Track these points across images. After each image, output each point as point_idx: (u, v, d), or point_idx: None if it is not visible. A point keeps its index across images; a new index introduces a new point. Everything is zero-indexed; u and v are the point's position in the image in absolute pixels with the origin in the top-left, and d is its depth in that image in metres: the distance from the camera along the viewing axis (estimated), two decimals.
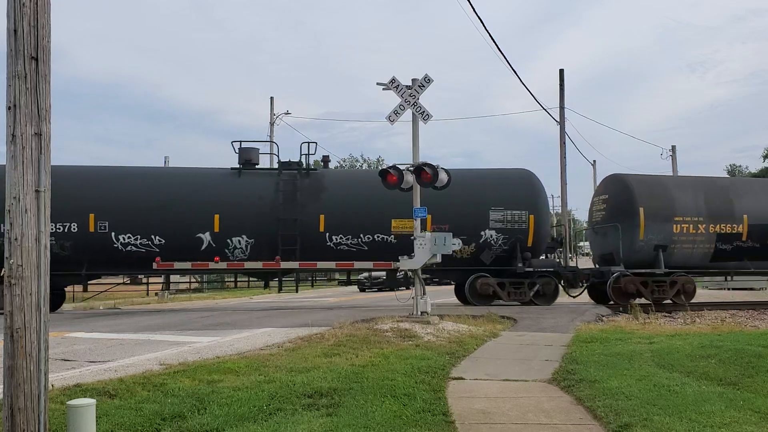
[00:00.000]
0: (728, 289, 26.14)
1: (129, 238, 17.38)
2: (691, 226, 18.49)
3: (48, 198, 4.16)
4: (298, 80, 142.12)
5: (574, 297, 19.48)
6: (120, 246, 17.33)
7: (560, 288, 18.58)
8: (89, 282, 18.35)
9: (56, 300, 18.17)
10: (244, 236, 17.76)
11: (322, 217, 17.88)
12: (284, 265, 17.75)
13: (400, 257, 13.05)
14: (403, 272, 14.69)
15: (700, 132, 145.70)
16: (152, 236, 17.41)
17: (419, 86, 12.64)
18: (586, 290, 19.28)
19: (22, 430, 3.95)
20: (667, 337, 10.23)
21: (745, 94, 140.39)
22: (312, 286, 30.60)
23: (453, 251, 13.02)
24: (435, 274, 19.86)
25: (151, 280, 20.70)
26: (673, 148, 42.59)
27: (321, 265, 18.09)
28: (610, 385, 6.67)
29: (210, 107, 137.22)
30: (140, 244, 17.41)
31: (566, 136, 28.09)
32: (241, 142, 18.69)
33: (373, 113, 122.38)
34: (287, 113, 37.87)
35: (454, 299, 19.52)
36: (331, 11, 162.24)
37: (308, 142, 18.90)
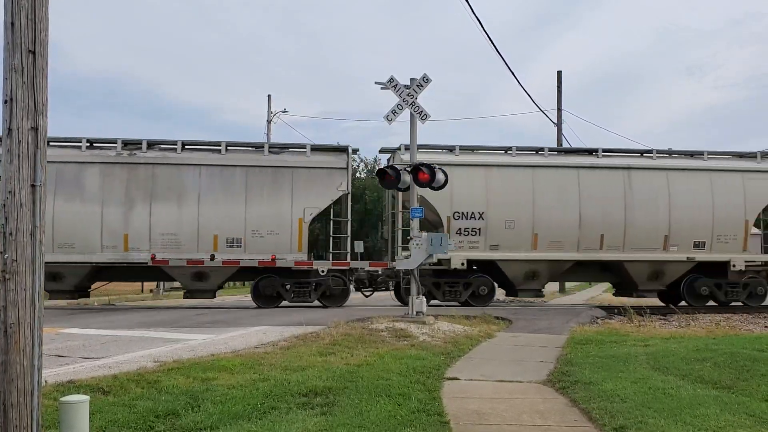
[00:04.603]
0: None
1: None
2: None
3: (44, 193, 4.13)
4: (296, 79, 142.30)
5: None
6: None
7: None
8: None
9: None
10: None
11: None
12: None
13: (396, 257, 13.05)
14: None
15: (697, 135, 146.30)
16: None
17: (417, 86, 12.61)
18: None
19: (15, 426, 3.93)
20: (663, 340, 10.25)
21: (744, 97, 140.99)
22: None
23: None
24: None
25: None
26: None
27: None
28: (606, 388, 6.68)
29: (207, 106, 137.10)
30: None
31: (564, 138, 28.17)
32: None
33: (371, 114, 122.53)
34: (285, 111, 37.68)
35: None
36: (331, 11, 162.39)
37: None
